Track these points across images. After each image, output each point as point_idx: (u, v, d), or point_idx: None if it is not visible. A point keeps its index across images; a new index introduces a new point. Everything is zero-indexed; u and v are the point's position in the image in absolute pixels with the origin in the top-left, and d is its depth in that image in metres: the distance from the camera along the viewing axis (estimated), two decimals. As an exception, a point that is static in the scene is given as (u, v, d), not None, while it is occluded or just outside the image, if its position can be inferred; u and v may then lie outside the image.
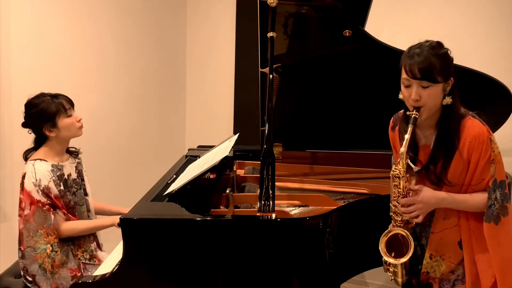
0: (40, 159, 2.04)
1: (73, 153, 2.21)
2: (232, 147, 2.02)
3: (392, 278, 1.73)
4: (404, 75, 1.59)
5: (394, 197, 1.65)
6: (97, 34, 3.06)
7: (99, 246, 2.24)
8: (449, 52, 1.60)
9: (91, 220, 2.19)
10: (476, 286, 1.65)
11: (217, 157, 1.94)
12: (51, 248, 2.00)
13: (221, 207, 2.06)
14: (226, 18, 3.85)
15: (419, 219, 1.62)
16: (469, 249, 1.66)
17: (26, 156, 2.09)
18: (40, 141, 2.10)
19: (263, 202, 1.69)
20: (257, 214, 1.67)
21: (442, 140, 1.64)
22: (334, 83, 2.52)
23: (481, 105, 1.96)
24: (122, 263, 1.67)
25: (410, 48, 1.61)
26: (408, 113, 1.61)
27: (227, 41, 3.85)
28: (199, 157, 2.33)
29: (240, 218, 1.81)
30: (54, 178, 2.04)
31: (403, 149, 1.58)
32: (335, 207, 1.88)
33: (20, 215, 2.03)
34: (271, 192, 1.71)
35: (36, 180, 1.99)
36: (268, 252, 1.65)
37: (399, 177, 1.62)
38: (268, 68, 2.10)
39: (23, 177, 2.02)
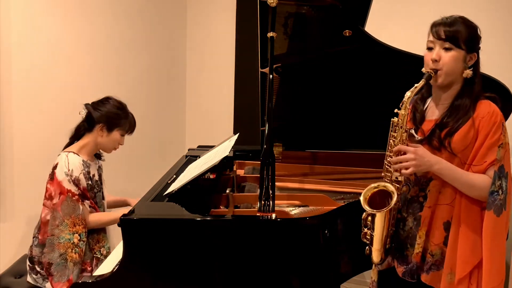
0: (73, 152, 2.13)
1: (98, 156, 2.32)
2: (232, 147, 2.03)
3: (368, 251, 1.66)
4: (429, 38, 1.62)
5: (389, 150, 1.62)
6: (97, 34, 3.06)
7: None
8: (478, 29, 1.62)
9: (115, 212, 2.21)
10: (452, 272, 1.59)
11: (217, 157, 1.94)
12: (78, 238, 2.04)
13: (221, 207, 2.06)
14: (226, 18, 3.85)
15: (408, 171, 1.57)
16: (456, 233, 1.60)
17: (65, 147, 2.20)
18: (83, 130, 2.21)
19: (263, 202, 1.69)
20: (257, 214, 1.67)
21: (455, 109, 1.61)
22: (334, 83, 2.52)
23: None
24: (122, 263, 1.67)
25: (442, 17, 1.64)
26: (423, 70, 1.61)
27: (227, 41, 3.85)
28: (199, 157, 2.34)
29: (240, 218, 1.81)
30: (84, 172, 2.13)
31: (409, 93, 1.55)
32: (335, 207, 1.88)
33: (44, 204, 2.10)
34: (271, 192, 1.71)
35: (69, 170, 2.07)
36: (268, 252, 1.65)
37: (398, 126, 1.59)
38: (268, 68, 2.09)
39: (55, 167, 2.09)
